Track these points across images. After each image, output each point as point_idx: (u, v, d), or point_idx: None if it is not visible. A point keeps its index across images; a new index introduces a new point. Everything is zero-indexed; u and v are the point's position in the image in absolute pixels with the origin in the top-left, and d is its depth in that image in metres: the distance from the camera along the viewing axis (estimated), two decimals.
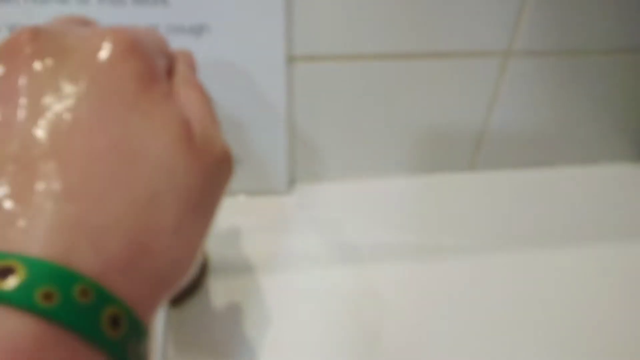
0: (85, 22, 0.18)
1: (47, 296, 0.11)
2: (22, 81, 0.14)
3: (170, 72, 0.18)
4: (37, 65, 0.14)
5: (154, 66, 0.16)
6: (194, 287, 0.28)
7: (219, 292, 0.29)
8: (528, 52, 0.32)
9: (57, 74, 0.14)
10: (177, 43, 0.27)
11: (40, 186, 0.12)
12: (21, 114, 0.13)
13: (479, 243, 0.33)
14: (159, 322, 0.23)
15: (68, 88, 0.14)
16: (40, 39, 0.14)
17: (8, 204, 0.11)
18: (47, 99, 0.13)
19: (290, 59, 0.30)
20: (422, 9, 0.29)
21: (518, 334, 0.28)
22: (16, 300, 0.10)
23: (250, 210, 0.34)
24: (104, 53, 0.15)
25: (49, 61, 0.14)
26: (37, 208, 0.11)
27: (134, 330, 0.12)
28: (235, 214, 0.34)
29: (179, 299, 0.28)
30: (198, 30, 0.27)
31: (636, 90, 0.36)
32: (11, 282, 0.10)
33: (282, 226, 0.33)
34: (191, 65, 0.21)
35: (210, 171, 0.16)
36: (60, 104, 0.14)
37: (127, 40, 0.15)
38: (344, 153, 0.36)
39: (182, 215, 0.14)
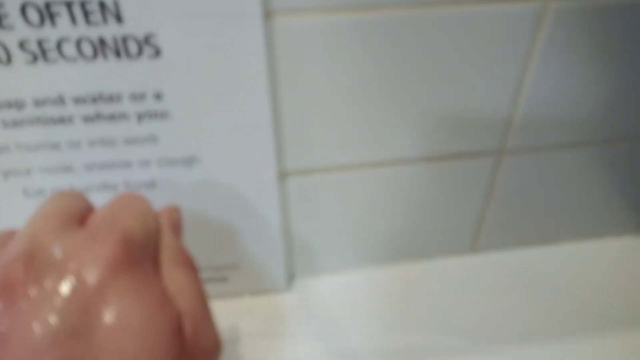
0: (76, 215, 0.18)
1: None
2: (19, 316, 0.14)
3: (158, 247, 0.18)
4: (32, 296, 0.15)
5: (147, 268, 0.17)
6: None
7: None
8: (522, 149, 0.32)
9: (51, 302, 0.15)
10: (167, 174, 0.27)
11: None
12: (17, 348, 0.14)
13: (485, 340, 0.33)
14: None
15: (60, 317, 0.14)
16: (31, 269, 0.15)
17: None
18: (41, 332, 0.14)
19: (282, 175, 0.30)
20: (411, 116, 0.29)
21: None
22: None
23: (249, 311, 0.34)
24: (94, 274, 0.15)
25: (41, 291, 0.15)
26: None
27: None
28: (233, 316, 0.34)
29: None
30: (189, 161, 0.27)
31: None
32: None
33: (281, 329, 0.33)
34: (177, 225, 0.21)
35: None
36: (51, 336, 0.14)
37: (117, 250, 0.16)
38: (341, 247, 0.36)
39: None
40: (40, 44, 0.20)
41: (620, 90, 0.30)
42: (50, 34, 0.20)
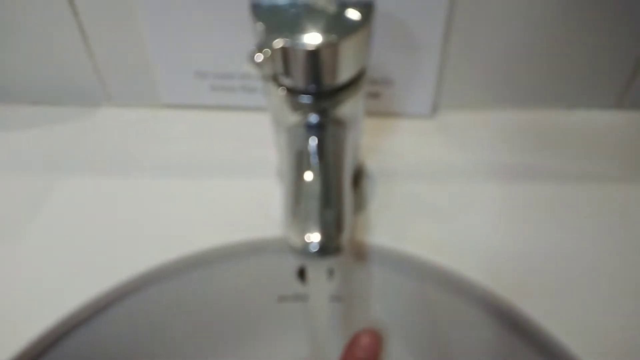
0: None
1: None
2: None
3: None
4: None
5: None
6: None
7: (373, 191, 0.33)
8: None
9: None
10: None
11: None
12: None
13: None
14: None
15: None
16: None
17: None
18: None
19: None
20: None
21: None
22: None
23: (396, 130, 0.37)
24: None
25: None
26: None
27: None
28: (379, 133, 0.37)
29: None
30: None
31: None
32: None
33: (426, 144, 0.36)
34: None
35: None
36: None
37: None
38: (492, 82, 0.37)
39: None
40: None
41: None
42: None
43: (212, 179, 0.34)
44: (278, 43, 0.20)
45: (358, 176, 0.33)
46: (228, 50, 0.34)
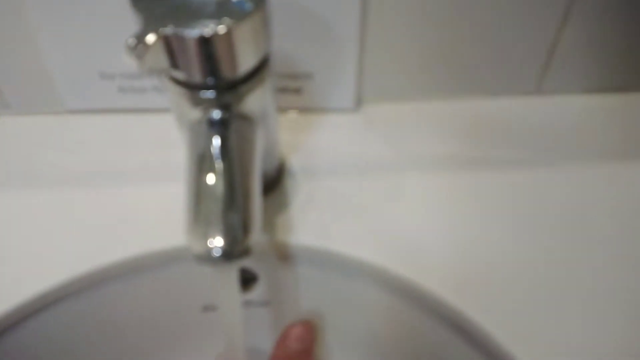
0: None
1: None
2: None
3: None
4: None
5: None
6: (272, 185, 0.31)
7: (296, 190, 0.31)
8: None
9: None
10: None
11: None
12: None
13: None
14: None
15: None
16: None
17: None
18: None
19: None
20: None
21: None
22: None
23: (320, 126, 0.36)
24: None
25: None
26: None
27: None
28: (303, 129, 0.36)
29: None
30: None
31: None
32: None
33: (351, 138, 0.35)
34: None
35: None
36: None
37: None
38: (414, 73, 0.36)
39: None
40: None
41: None
42: None
43: (124, 187, 0.31)
44: (161, 32, 0.18)
45: (280, 174, 0.32)
46: None
